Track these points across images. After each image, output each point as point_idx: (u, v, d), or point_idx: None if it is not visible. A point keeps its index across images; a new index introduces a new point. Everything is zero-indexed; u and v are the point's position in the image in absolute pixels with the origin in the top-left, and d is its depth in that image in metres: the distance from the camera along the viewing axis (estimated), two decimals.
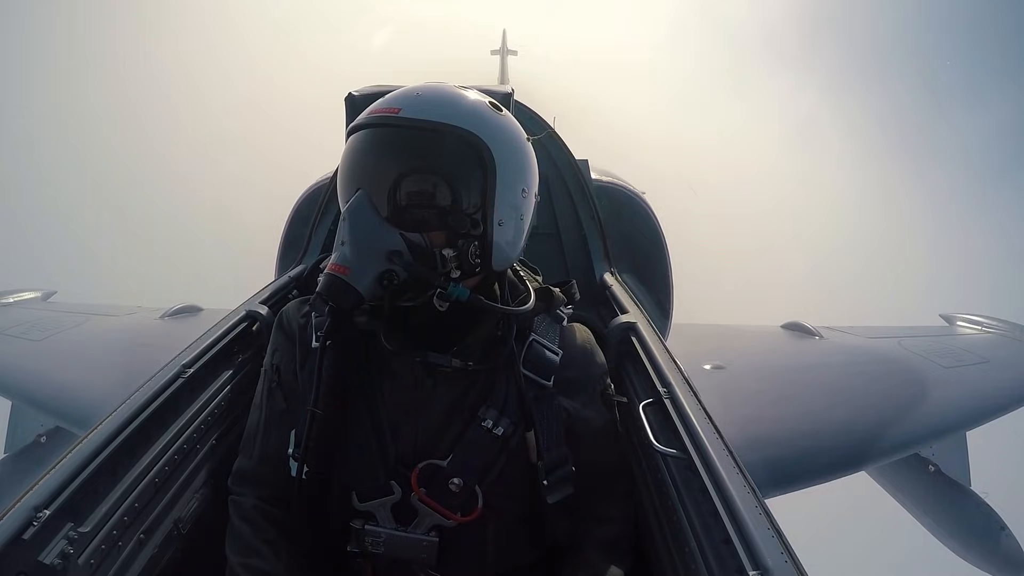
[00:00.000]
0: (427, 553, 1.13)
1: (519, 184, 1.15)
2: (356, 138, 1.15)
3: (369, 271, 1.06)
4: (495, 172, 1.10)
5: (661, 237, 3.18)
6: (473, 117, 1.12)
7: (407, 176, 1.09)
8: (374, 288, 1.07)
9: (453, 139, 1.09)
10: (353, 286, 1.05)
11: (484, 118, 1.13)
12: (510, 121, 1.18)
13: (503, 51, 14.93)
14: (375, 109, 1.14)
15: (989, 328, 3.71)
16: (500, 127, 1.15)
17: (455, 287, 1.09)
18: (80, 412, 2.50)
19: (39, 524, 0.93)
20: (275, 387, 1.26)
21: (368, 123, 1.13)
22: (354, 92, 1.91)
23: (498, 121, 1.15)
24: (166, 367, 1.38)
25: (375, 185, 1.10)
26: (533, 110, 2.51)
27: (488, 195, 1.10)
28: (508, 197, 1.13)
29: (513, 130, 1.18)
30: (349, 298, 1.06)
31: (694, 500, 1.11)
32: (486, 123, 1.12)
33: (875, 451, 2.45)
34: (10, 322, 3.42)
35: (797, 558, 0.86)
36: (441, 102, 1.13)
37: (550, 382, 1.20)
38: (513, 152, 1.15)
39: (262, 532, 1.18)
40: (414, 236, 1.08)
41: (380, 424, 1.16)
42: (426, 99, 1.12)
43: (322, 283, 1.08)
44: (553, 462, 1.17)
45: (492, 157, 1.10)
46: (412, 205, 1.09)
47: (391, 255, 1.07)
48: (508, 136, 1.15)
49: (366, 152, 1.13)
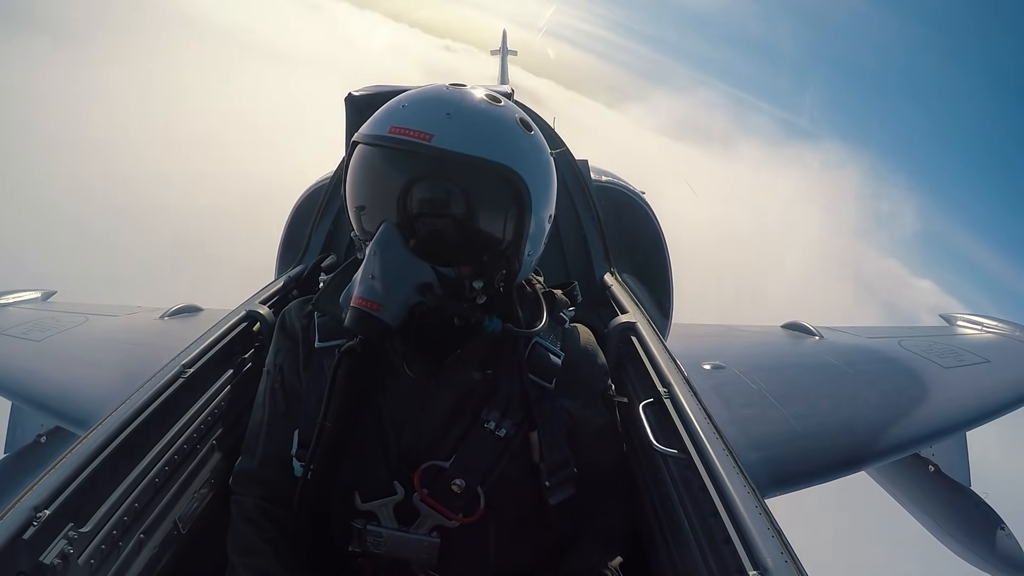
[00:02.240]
0: (428, 553, 1.13)
1: (547, 211, 1.15)
2: (376, 157, 1.08)
3: (401, 305, 1.06)
4: (531, 209, 1.08)
5: (661, 237, 3.18)
6: (510, 148, 1.07)
7: (441, 212, 1.05)
8: (404, 319, 1.07)
9: (491, 176, 1.05)
10: (384, 321, 1.05)
11: (520, 147, 1.09)
12: (539, 142, 1.14)
13: (503, 51, 14.93)
14: (400, 128, 1.03)
15: (989, 328, 3.71)
16: (534, 155, 1.11)
17: (491, 321, 1.12)
18: (80, 412, 2.50)
19: (39, 524, 0.93)
20: (277, 387, 1.26)
21: (392, 144, 1.04)
22: (354, 92, 1.90)
23: (531, 147, 1.11)
24: (166, 367, 1.38)
25: (403, 217, 1.06)
26: (533, 110, 2.51)
27: (523, 231, 1.09)
28: (538, 227, 1.13)
29: (543, 153, 1.14)
30: (379, 332, 1.06)
31: (694, 500, 1.11)
32: (522, 154, 1.08)
33: (875, 451, 2.45)
34: (10, 322, 3.41)
35: (797, 558, 0.86)
36: (476, 129, 1.05)
37: (552, 384, 1.20)
38: (545, 180, 1.13)
39: (263, 531, 1.18)
40: (446, 270, 1.07)
41: (384, 425, 1.16)
42: (461, 124, 1.04)
43: (350, 318, 1.06)
44: (555, 464, 1.18)
45: (529, 194, 1.07)
46: (445, 240, 1.06)
47: (422, 288, 1.06)
48: (541, 164, 1.12)
49: (391, 179, 1.06)
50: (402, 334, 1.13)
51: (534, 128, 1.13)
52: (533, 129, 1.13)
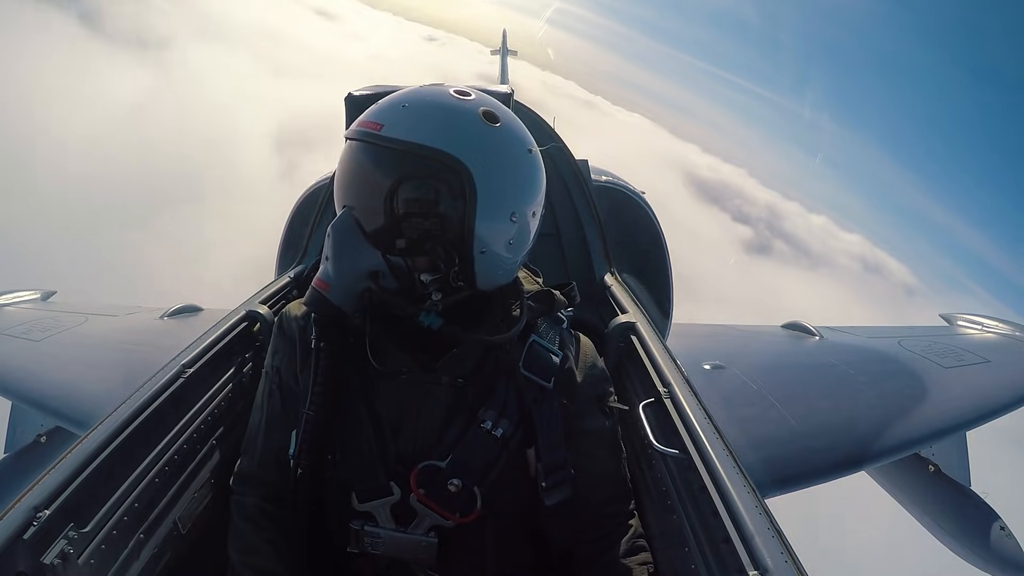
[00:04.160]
0: (427, 553, 1.13)
1: (506, 209, 1.07)
2: (345, 149, 1.13)
3: (349, 289, 1.09)
4: (475, 201, 1.04)
5: (661, 237, 3.18)
6: (459, 138, 1.04)
7: (385, 199, 1.06)
8: (355, 304, 1.10)
9: (433, 165, 1.03)
10: (331, 301, 1.09)
11: (471, 138, 1.05)
12: (504, 136, 1.09)
13: (503, 51, 14.93)
14: (362, 120, 1.10)
15: (989, 328, 3.71)
16: (490, 147, 1.06)
17: (427, 315, 1.10)
18: (80, 412, 2.49)
19: (39, 524, 0.93)
20: (275, 389, 1.26)
21: (353, 135, 1.09)
22: (354, 92, 1.90)
23: (489, 139, 1.06)
24: (166, 367, 1.38)
25: (358, 203, 1.09)
26: (533, 110, 2.51)
27: (468, 225, 1.05)
28: (492, 225, 1.07)
29: (506, 147, 1.09)
30: (326, 311, 1.11)
31: (694, 500, 1.11)
32: (473, 144, 1.04)
33: (875, 451, 2.44)
34: (10, 322, 3.41)
35: (797, 558, 0.86)
36: (426, 118, 1.06)
37: (550, 383, 1.19)
38: (502, 175, 1.07)
39: (263, 531, 1.18)
40: (395, 259, 1.08)
41: (380, 424, 1.16)
42: (411, 114, 1.06)
43: (307, 295, 1.12)
44: (552, 464, 1.17)
45: (473, 185, 1.03)
46: (391, 229, 1.07)
47: (372, 274, 1.08)
48: (498, 157, 1.07)
49: (351, 167, 1.11)
50: (397, 333, 1.13)
51: (501, 121, 1.08)
52: (499, 122, 1.08)
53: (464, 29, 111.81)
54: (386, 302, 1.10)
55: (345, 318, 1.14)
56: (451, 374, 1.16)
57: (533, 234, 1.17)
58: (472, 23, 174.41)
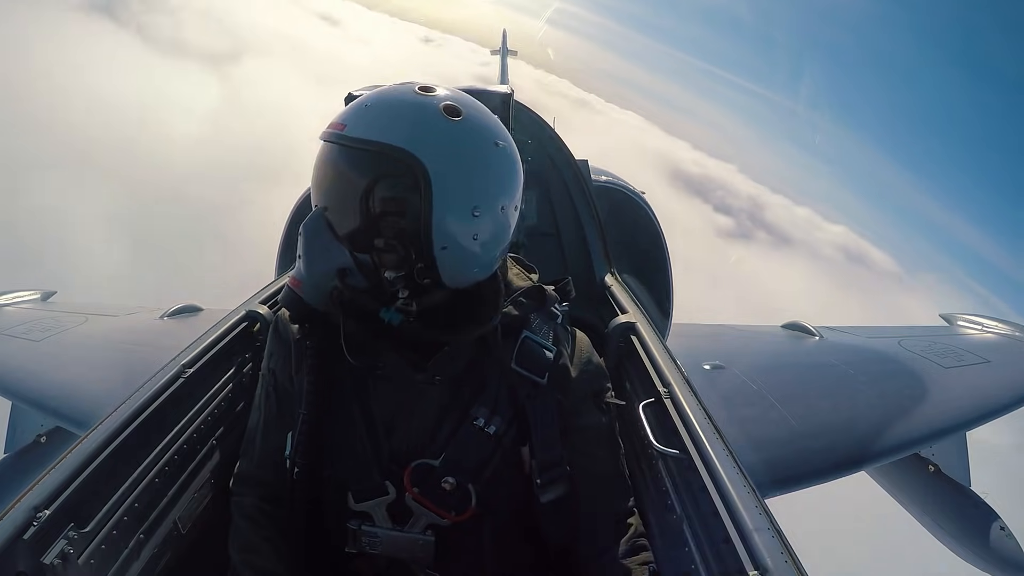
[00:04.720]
0: (424, 552, 1.13)
1: (467, 204, 1.06)
2: (318, 150, 1.14)
3: (317, 286, 1.12)
4: (431, 197, 1.03)
5: (661, 237, 3.18)
6: (414, 134, 1.03)
7: (347, 198, 1.07)
8: (326, 302, 1.12)
9: (388, 161, 1.03)
10: (302, 298, 1.12)
11: (427, 133, 1.04)
12: (465, 130, 1.07)
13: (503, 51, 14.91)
14: (331, 121, 1.11)
15: (989, 328, 3.70)
16: (449, 141, 1.05)
17: (387, 311, 1.10)
18: (80, 412, 2.50)
19: (39, 524, 0.93)
20: (271, 391, 1.26)
21: (323, 136, 1.11)
22: (353, 92, 1.91)
23: (448, 134, 1.05)
24: (166, 367, 1.38)
25: (328, 202, 1.11)
26: (533, 110, 2.51)
27: (424, 220, 1.04)
28: (453, 219, 1.05)
29: (468, 141, 1.07)
30: (302, 310, 1.14)
31: (694, 500, 1.11)
32: (429, 140, 1.04)
33: (875, 451, 2.44)
34: (10, 322, 3.41)
35: (797, 558, 0.86)
36: (384, 115, 1.07)
37: (544, 379, 1.18)
38: (461, 169, 1.05)
39: (262, 529, 1.18)
40: (363, 257, 1.09)
41: (374, 424, 1.16)
42: (371, 113, 1.07)
43: (282, 293, 1.16)
44: (547, 461, 1.16)
45: (428, 180, 1.02)
46: (354, 227, 1.08)
47: (341, 272, 1.10)
48: (458, 151, 1.06)
49: (319, 167, 1.13)
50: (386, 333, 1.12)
51: (463, 115, 1.07)
52: (461, 115, 1.07)
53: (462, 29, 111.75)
54: (352, 300, 1.10)
55: (327, 316, 1.15)
56: (443, 373, 1.16)
57: (511, 228, 1.16)
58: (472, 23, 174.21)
